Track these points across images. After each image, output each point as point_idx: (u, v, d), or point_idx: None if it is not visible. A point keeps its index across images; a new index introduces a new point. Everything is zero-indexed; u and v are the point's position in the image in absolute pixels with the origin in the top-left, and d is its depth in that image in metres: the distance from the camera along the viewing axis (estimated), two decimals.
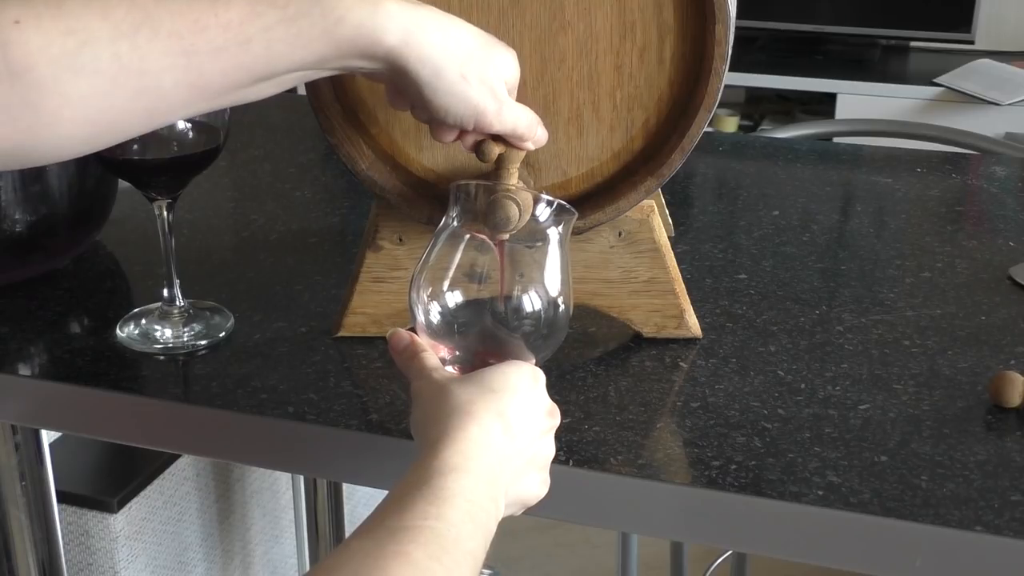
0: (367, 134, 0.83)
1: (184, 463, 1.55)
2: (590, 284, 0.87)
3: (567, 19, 0.78)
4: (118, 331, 0.91)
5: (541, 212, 0.70)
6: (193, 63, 0.58)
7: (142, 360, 0.88)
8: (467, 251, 0.70)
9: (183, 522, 1.56)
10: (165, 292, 0.91)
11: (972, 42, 2.73)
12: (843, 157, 1.44)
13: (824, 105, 2.72)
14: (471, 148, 0.72)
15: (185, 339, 0.90)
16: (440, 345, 0.71)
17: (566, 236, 0.71)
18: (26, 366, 0.88)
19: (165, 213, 0.88)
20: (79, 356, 0.88)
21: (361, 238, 0.88)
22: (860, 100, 2.63)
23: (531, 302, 0.70)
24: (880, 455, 0.74)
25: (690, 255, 1.06)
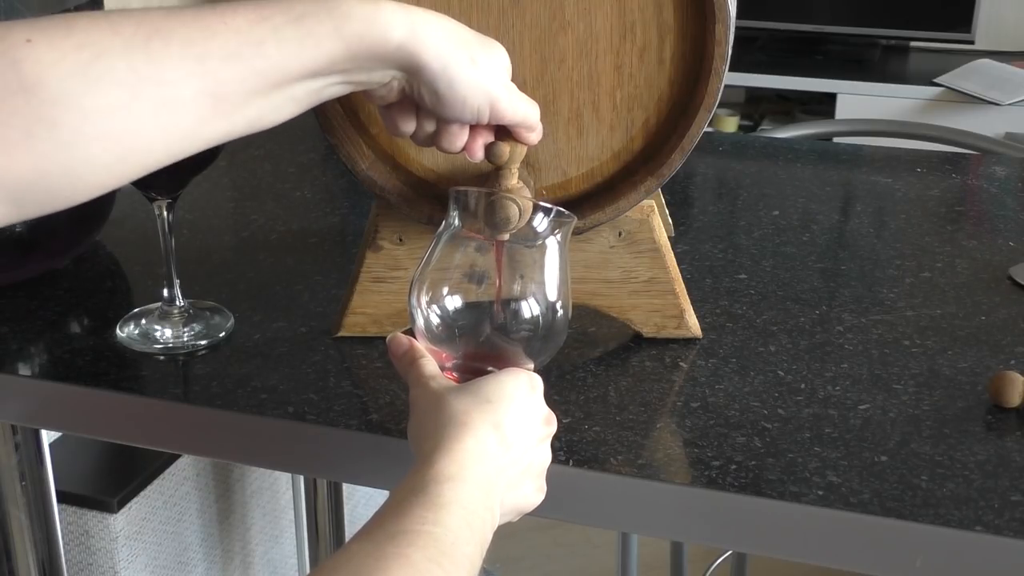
0: (367, 134, 0.83)
1: (184, 463, 1.55)
2: (590, 284, 0.87)
3: (567, 19, 0.78)
4: (118, 331, 0.91)
5: (539, 221, 0.70)
6: (209, 69, 0.58)
7: (142, 360, 0.88)
8: (467, 254, 0.70)
9: (183, 522, 1.56)
10: (165, 292, 0.91)
11: (972, 42, 2.73)
12: (843, 157, 1.44)
13: (824, 105, 2.72)
14: (482, 153, 0.71)
15: (185, 339, 0.90)
16: (439, 350, 0.71)
17: (565, 241, 0.71)
18: (26, 366, 0.88)
19: (165, 213, 0.88)
20: (79, 356, 0.88)
21: (361, 238, 0.88)
22: (860, 100, 2.63)
23: (530, 307, 0.70)
24: (880, 455, 0.74)
25: (690, 255, 1.06)
